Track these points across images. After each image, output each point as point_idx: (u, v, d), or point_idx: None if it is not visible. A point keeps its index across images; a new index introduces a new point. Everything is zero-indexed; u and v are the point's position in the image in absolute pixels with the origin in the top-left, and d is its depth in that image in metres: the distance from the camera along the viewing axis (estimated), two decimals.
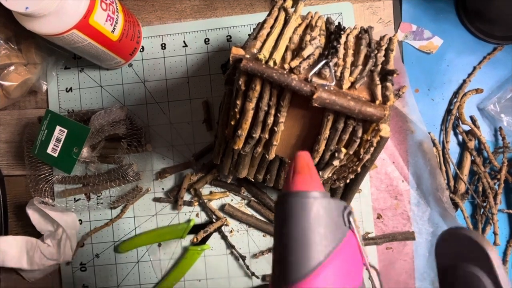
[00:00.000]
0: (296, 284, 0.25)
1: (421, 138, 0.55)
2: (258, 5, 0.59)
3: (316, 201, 0.27)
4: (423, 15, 0.57)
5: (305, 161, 0.30)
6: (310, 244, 0.26)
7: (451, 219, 0.54)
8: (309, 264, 0.26)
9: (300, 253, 0.26)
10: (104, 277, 0.59)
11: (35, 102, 0.61)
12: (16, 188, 0.61)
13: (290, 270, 0.26)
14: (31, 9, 0.40)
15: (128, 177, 0.57)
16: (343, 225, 0.28)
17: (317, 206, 0.27)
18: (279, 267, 0.27)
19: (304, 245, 0.26)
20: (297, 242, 0.27)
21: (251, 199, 0.57)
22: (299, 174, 0.29)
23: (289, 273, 0.26)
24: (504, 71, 0.56)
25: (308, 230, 0.27)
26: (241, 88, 0.39)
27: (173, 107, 0.59)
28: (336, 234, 0.27)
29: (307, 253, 0.26)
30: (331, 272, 0.25)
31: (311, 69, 0.36)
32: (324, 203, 0.27)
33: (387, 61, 0.39)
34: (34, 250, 0.56)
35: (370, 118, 0.36)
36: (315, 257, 0.26)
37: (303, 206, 0.27)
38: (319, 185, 0.29)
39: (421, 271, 0.56)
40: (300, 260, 0.26)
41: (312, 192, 0.28)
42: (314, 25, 0.42)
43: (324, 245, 0.26)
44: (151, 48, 0.59)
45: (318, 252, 0.26)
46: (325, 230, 0.27)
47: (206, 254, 0.58)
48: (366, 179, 0.56)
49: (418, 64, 0.57)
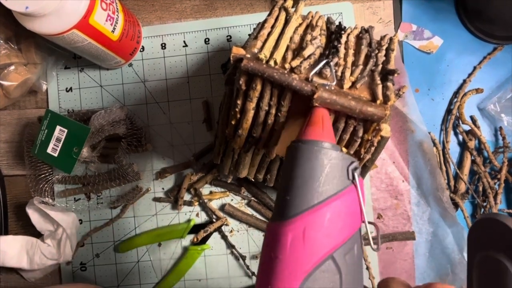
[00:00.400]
0: (288, 220, 0.27)
1: (421, 138, 0.55)
2: (258, 5, 0.59)
3: (322, 150, 0.29)
4: (423, 15, 0.58)
5: (320, 115, 0.32)
6: (307, 187, 0.28)
7: (451, 219, 0.54)
8: (303, 205, 0.28)
9: (297, 194, 0.28)
10: (104, 277, 0.58)
11: (35, 102, 0.60)
12: (16, 188, 0.60)
13: (285, 208, 0.28)
14: (31, 9, 0.40)
15: (128, 177, 0.56)
16: (346, 179, 0.29)
17: (323, 155, 0.29)
18: (277, 206, 0.30)
19: (302, 188, 0.28)
20: (296, 184, 0.28)
21: (251, 199, 0.57)
22: (311, 126, 0.31)
23: (284, 211, 0.28)
24: (504, 71, 0.56)
25: (308, 175, 0.28)
26: (242, 88, 0.39)
27: (173, 107, 0.59)
28: (337, 185, 0.28)
29: (302, 195, 0.28)
30: (322, 216, 0.27)
31: (312, 69, 0.36)
32: (330, 154, 0.29)
33: (388, 61, 0.39)
34: (34, 250, 0.55)
35: (371, 118, 0.36)
36: (309, 200, 0.28)
37: (309, 153, 0.29)
38: (330, 138, 0.30)
39: (421, 271, 0.56)
40: (295, 200, 0.28)
41: (320, 141, 0.29)
42: (315, 25, 0.42)
43: (321, 191, 0.28)
44: (151, 48, 0.59)
45: (313, 196, 0.28)
46: (326, 178, 0.28)
47: (206, 254, 0.58)
48: (366, 179, 0.56)
49: (418, 64, 0.57)
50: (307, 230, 0.27)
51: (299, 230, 0.27)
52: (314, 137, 0.30)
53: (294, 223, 0.27)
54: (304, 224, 0.27)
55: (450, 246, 0.55)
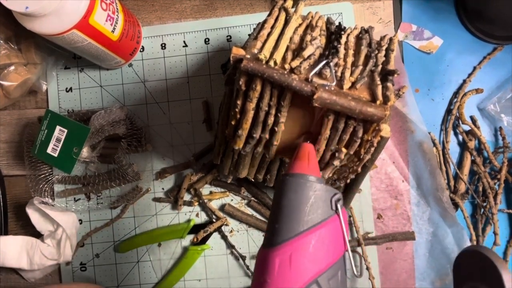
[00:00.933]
0: (276, 247, 0.30)
1: (421, 138, 0.55)
2: (258, 5, 0.59)
3: (307, 183, 0.32)
4: (423, 15, 0.57)
5: (306, 151, 0.34)
6: (294, 216, 0.31)
7: (451, 219, 0.54)
8: (289, 232, 0.30)
9: (284, 222, 0.31)
10: (104, 277, 0.58)
11: (35, 102, 0.60)
12: (16, 188, 0.61)
13: (274, 235, 0.31)
14: (31, 9, 0.40)
15: (128, 177, 0.56)
16: (329, 209, 0.32)
17: (308, 187, 0.31)
18: (267, 233, 0.32)
19: (289, 216, 0.31)
20: (284, 213, 0.31)
21: (251, 199, 0.57)
22: (298, 160, 0.34)
23: (272, 238, 0.31)
24: (504, 71, 0.56)
25: (295, 205, 0.31)
26: (242, 88, 0.39)
27: (173, 107, 0.59)
28: (321, 214, 0.31)
29: (289, 223, 0.31)
30: (307, 242, 0.30)
31: (312, 69, 0.36)
32: (315, 186, 0.32)
33: (388, 61, 0.39)
34: (34, 250, 0.56)
35: (370, 118, 0.36)
36: (295, 228, 0.30)
37: (296, 185, 0.32)
38: (315, 172, 0.33)
39: (421, 271, 0.56)
40: (283, 227, 0.31)
41: (306, 175, 0.32)
42: (315, 25, 0.42)
43: (306, 220, 0.30)
44: (151, 48, 0.59)
45: (299, 224, 0.30)
46: (311, 208, 0.31)
47: (206, 254, 0.58)
48: (366, 179, 0.56)
49: (418, 64, 0.57)
50: (293, 256, 0.29)
51: (286, 256, 0.29)
52: (300, 170, 0.33)
53: (282, 249, 0.30)
54: (291, 250, 0.29)
55: (450, 246, 0.55)
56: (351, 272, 0.33)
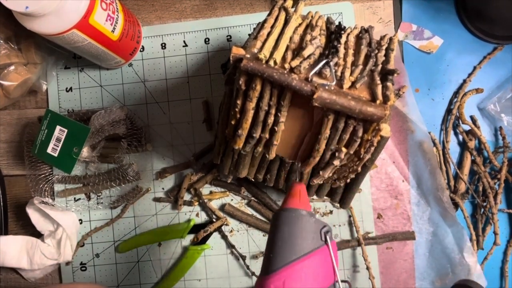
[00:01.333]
0: (271, 274, 0.33)
1: (421, 138, 0.55)
2: (258, 5, 0.59)
3: (299, 216, 0.35)
4: (423, 15, 0.57)
5: (298, 189, 0.38)
6: (286, 246, 0.34)
7: (451, 219, 0.54)
8: (282, 261, 0.33)
9: (278, 251, 0.34)
10: (104, 277, 0.58)
11: (35, 102, 0.60)
12: (16, 188, 0.61)
13: (269, 264, 0.34)
14: (31, 9, 0.40)
15: (128, 177, 0.56)
16: (319, 240, 0.35)
17: (299, 220, 0.35)
18: (263, 262, 0.35)
19: (282, 247, 0.34)
20: (278, 243, 0.34)
21: (251, 199, 0.57)
22: (291, 197, 0.37)
23: (268, 266, 0.34)
24: (504, 71, 0.56)
25: (287, 236, 0.34)
26: (242, 88, 0.39)
27: (173, 107, 0.59)
28: (311, 244, 0.34)
29: (282, 253, 0.34)
30: (299, 270, 0.33)
31: (312, 69, 0.36)
32: (305, 219, 0.35)
33: (388, 60, 0.39)
34: (34, 250, 0.56)
35: (370, 118, 0.36)
36: (288, 257, 0.33)
37: (289, 219, 0.35)
38: (306, 206, 0.36)
39: (421, 271, 0.56)
40: (277, 257, 0.34)
41: (297, 209, 0.35)
42: (315, 24, 0.42)
43: (298, 250, 0.33)
44: (151, 48, 0.59)
45: (291, 253, 0.33)
46: (301, 240, 0.34)
47: (206, 254, 0.58)
48: (366, 179, 0.56)
49: (418, 64, 0.57)
50: (287, 282, 0.32)
51: (280, 282, 0.32)
52: (292, 206, 0.36)
53: (276, 276, 0.32)
54: (284, 277, 0.32)
55: (450, 246, 0.55)
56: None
